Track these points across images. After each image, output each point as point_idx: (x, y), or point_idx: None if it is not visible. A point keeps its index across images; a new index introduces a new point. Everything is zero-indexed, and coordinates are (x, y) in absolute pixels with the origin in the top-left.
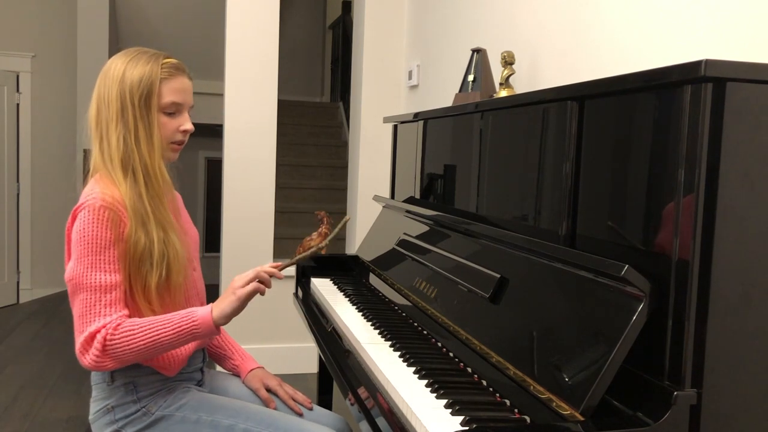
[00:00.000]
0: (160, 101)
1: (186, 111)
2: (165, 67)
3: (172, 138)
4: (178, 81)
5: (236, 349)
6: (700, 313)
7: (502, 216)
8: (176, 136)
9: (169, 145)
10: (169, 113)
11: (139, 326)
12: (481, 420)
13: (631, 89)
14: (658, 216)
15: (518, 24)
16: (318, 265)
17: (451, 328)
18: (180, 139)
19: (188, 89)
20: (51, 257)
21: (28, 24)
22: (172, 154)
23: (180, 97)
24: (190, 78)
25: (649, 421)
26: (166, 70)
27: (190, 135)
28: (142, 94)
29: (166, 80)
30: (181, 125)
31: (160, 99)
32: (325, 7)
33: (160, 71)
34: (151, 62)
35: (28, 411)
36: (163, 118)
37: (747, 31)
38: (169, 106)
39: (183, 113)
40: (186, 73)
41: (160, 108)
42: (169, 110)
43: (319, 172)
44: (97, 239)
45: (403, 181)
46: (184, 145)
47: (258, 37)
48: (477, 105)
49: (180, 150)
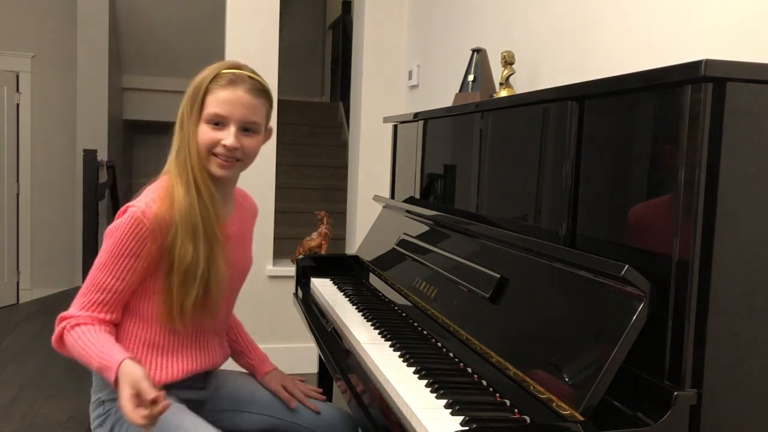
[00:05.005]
0: (205, 110)
1: (234, 125)
2: (220, 77)
3: (211, 149)
4: (227, 92)
5: (253, 348)
6: (700, 313)
7: (502, 216)
8: (217, 148)
9: (210, 157)
10: (214, 123)
11: (84, 338)
12: (481, 420)
13: (631, 89)
14: (658, 216)
15: (518, 24)
16: (318, 265)
17: (451, 328)
18: (222, 152)
19: (238, 102)
20: (51, 257)
21: (28, 24)
22: (217, 169)
23: (224, 108)
24: (252, 92)
25: (649, 422)
26: (219, 79)
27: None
28: (192, 101)
29: (214, 90)
30: (222, 139)
31: (204, 108)
32: (325, 7)
33: (212, 79)
34: (212, 70)
35: (28, 411)
36: (204, 127)
37: (747, 31)
38: (212, 117)
39: (228, 126)
40: (244, 87)
41: (204, 118)
42: (212, 120)
43: (319, 172)
44: (121, 245)
45: (403, 181)
46: (235, 164)
47: (258, 37)
48: (477, 105)
49: (230, 168)
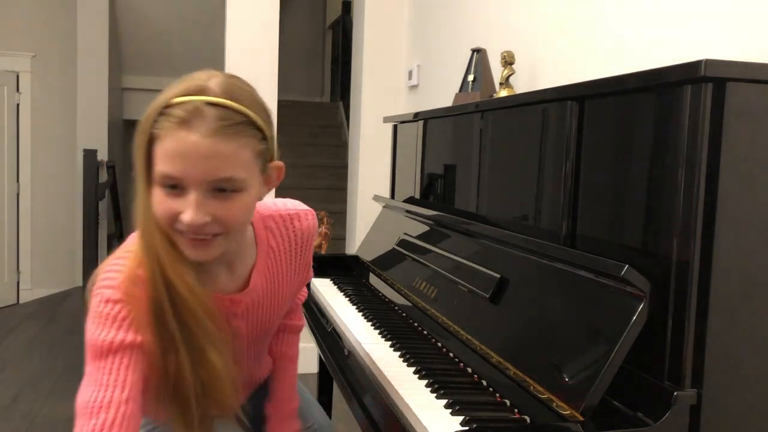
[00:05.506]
0: (154, 166)
1: (194, 190)
2: (170, 112)
3: (171, 224)
4: (177, 140)
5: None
6: (700, 313)
7: (502, 216)
8: (178, 224)
9: (176, 235)
10: (170, 187)
11: None
12: (481, 420)
13: (632, 89)
14: (658, 216)
15: (518, 24)
16: (318, 265)
17: (452, 328)
18: (185, 230)
19: (194, 154)
20: (51, 257)
21: (28, 24)
22: (189, 251)
23: (174, 166)
24: (217, 134)
25: (649, 421)
26: (168, 116)
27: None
28: (140, 151)
29: (162, 135)
30: (180, 210)
31: (153, 162)
32: (325, 7)
33: (158, 115)
34: (162, 97)
35: (28, 411)
36: (158, 191)
37: (747, 31)
38: (163, 179)
39: (188, 192)
40: (203, 127)
41: (156, 178)
42: (165, 183)
43: (320, 172)
44: (96, 342)
45: (403, 181)
46: (214, 241)
47: (258, 38)
48: (477, 105)
49: (206, 247)
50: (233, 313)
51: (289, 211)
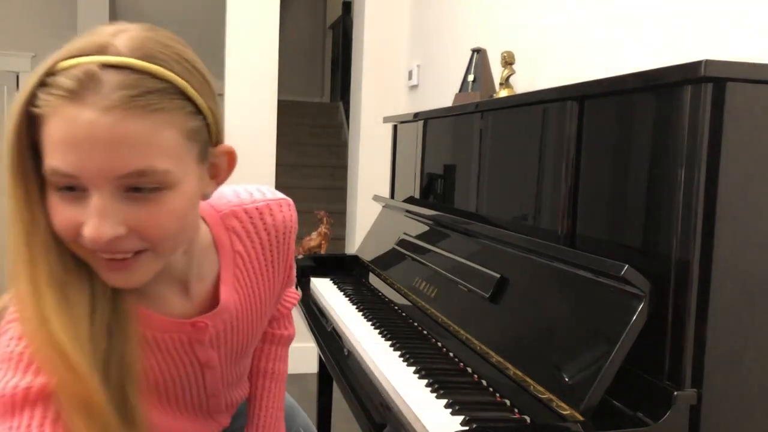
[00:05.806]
0: (45, 161)
1: (96, 191)
2: (55, 80)
3: (70, 238)
4: (64, 121)
5: (263, 424)
6: (700, 313)
7: (502, 216)
8: (81, 238)
9: (83, 251)
10: (66, 188)
11: None
12: (481, 420)
13: (631, 89)
14: (658, 216)
15: (518, 24)
16: (318, 265)
17: (451, 328)
18: (94, 248)
19: (92, 139)
20: None
21: (28, 24)
22: (107, 275)
23: (66, 159)
24: (125, 107)
25: (649, 421)
26: (48, 93)
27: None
28: (13, 143)
29: (44, 119)
30: (82, 221)
31: (43, 156)
32: (325, 7)
33: (34, 94)
34: (39, 68)
35: None
36: (53, 196)
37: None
38: (53, 177)
39: (89, 195)
40: (102, 100)
41: (47, 178)
42: (57, 184)
43: (319, 172)
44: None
45: (402, 181)
46: (139, 258)
47: (258, 37)
48: (477, 105)
49: (125, 270)
50: (198, 341)
51: (257, 203)
